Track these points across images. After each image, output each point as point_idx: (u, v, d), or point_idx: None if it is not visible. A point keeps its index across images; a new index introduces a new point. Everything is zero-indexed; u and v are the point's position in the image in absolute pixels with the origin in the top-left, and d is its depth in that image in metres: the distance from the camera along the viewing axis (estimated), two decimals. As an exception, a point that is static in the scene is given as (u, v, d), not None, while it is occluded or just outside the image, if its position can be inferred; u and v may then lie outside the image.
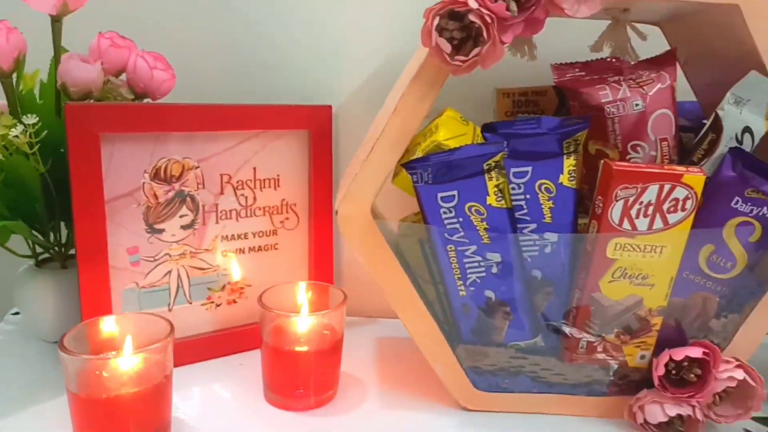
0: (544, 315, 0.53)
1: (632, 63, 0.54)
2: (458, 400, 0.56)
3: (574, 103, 0.54)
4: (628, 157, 0.52)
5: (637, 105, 0.51)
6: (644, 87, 0.51)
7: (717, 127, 0.50)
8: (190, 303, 0.64)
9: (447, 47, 0.45)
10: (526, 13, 0.45)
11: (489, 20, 0.44)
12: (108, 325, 0.51)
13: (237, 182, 0.64)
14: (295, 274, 0.69)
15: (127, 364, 0.46)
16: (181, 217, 0.61)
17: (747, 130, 0.50)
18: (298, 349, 0.55)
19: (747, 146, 0.50)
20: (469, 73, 0.47)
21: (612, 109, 0.51)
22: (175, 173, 0.60)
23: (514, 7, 0.44)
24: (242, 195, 0.64)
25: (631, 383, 0.55)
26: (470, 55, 0.45)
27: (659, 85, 0.51)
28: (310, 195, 0.68)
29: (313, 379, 0.56)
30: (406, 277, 0.52)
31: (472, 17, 0.44)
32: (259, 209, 0.66)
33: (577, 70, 0.53)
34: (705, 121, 0.53)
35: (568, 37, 0.56)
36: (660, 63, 0.53)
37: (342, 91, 0.71)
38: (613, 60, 0.54)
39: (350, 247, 0.52)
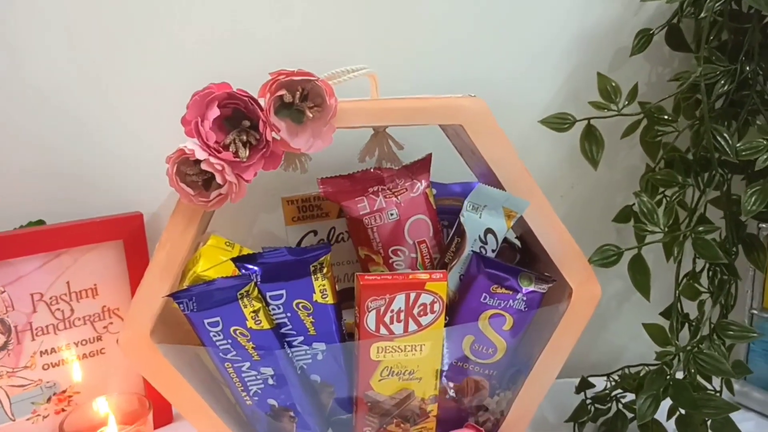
0: (332, 411, 0.57)
1: (395, 168, 0.59)
2: (265, 496, 0.59)
3: (346, 215, 0.58)
4: (390, 261, 0.57)
5: (392, 215, 0.56)
6: (398, 196, 0.56)
7: (460, 231, 0.55)
8: (13, 420, 0.65)
9: (189, 190, 0.49)
10: (258, 154, 0.49)
11: (219, 168, 0.47)
12: None
13: (50, 298, 0.66)
14: (130, 373, 0.71)
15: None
16: (-7, 340, 0.63)
17: (489, 231, 0.55)
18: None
19: (492, 244, 0.55)
20: (221, 206, 0.51)
21: (370, 220, 0.55)
22: (-20, 300, 0.62)
23: (244, 153, 0.48)
24: (58, 309, 0.66)
25: (424, 463, 0.60)
26: (211, 197, 0.49)
27: (411, 195, 0.56)
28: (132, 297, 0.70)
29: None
30: (196, 394, 0.55)
31: (204, 166, 0.47)
32: (79, 319, 0.68)
33: (341, 181, 0.57)
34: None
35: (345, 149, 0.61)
36: (415, 170, 0.58)
37: (156, 197, 0.73)
38: (377, 169, 0.58)
39: (137, 371, 0.55)
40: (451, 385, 0.58)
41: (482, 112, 0.53)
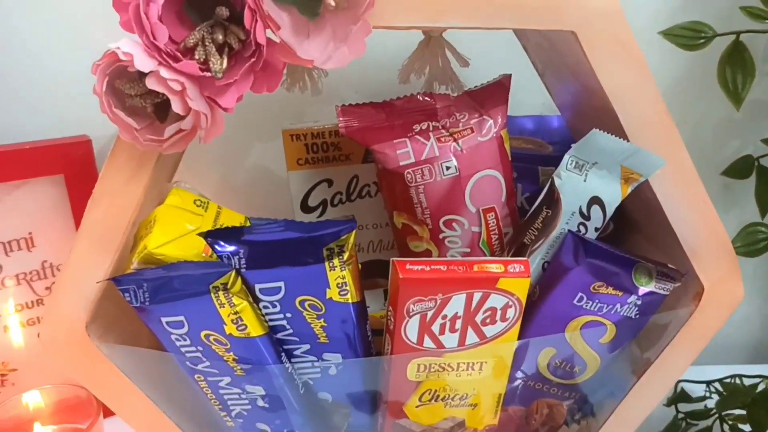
0: (347, 434, 0.41)
1: (454, 95, 0.39)
2: None
3: (377, 165, 0.39)
4: (440, 235, 0.38)
5: (448, 168, 0.37)
6: (459, 140, 0.37)
7: (551, 200, 0.36)
8: (-72, 406, 0.50)
9: (131, 122, 0.30)
10: (243, 67, 0.29)
11: (178, 87, 0.28)
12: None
13: (-34, 253, 0.48)
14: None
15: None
16: None
17: (596, 200, 0.36)
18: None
19: (597, 221, 0.37)
20: (183, 149, 0.32)
21: (414, 175, 0.37)
22: None
23: (219, 64, 0.28)
24: (-21, 265, 0.49)
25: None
26: (166, 134, 0.30)
27: (479, 138, 0.37)
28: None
29: None
30: (152, 404, 0.39)
31: (150, 84, 0.28)
32: (10, 278, 0.51)
33: (372, 112, 0.38)
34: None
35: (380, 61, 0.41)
36: (485, 99, 0.38)
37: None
38: (427, 96, 0.38)
39: (72, 377, 0.38)
40: (515, 408, 0.41)
41: (611, 15, 0.33)
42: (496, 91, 0.38)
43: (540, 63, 0.46)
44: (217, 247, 0.33)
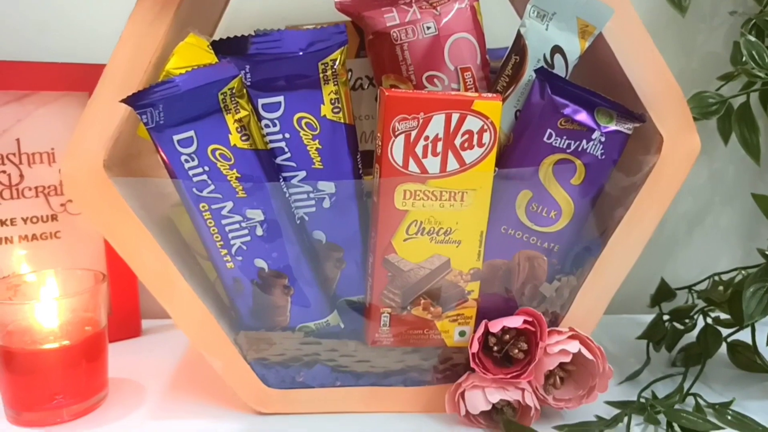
0: (340, 289, 0.44)
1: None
2: (247, 402, 0.45)
3: (366, 36, 0.45)
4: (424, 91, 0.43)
5: (428, 28, 0.42)
6: (438, 7, 0.43)
7: (520, 46, 0.41)
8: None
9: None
10: None
11: None
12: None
13: (-6, 156, 0.53)
14: (86, 267, 0.58)
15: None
16: None
17: (557, 50, 0.42)
18: (47, 347, 0.44)
19: (560, 70, 0.42)
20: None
21: (399, 34, 0.42)
22: None
23: None
24: (3, 172, 0.53)
25: (458, 368, 0.46)
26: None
27: (457, 5, 0.43)
28: (101, 172, 0.57)
29: (69, 384, 0.45)
30: (161, 250, 0.42)
31: None
32: (29, 189, 0.55)
33: (363, -8, 0.44)
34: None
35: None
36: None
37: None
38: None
39: (85, 216, 0.41)
40: (498, 261, 0.44)
41: None
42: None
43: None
44: (223, 57, 0.37)
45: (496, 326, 0.42)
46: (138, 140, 0.44)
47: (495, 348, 0.43)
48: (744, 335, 0.51)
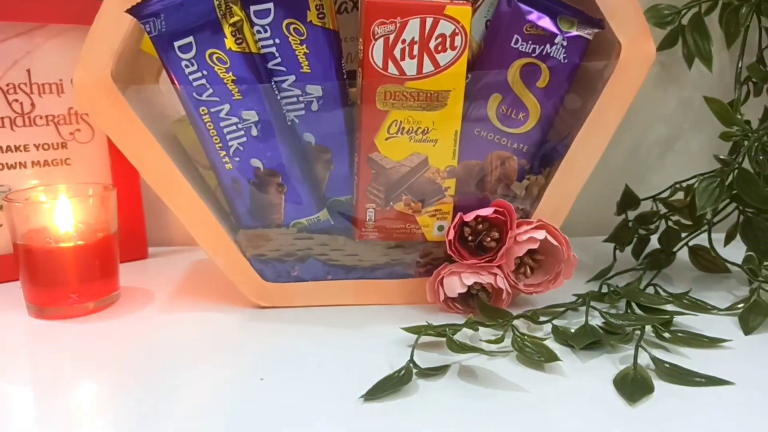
0: (330, 188, 0.48)
1: None
2: (247, 295, 0.50)
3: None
4: (402, 3, 0.47)
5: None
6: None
7: (487, -41, 0.45)
8: (-39, 225, 0.56)
9: None
10: None
11: None
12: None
13: (7, 85, 0.57)
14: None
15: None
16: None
17: (522, -39, 0.46)
18: (63, 245, 0.49)
19: (525, -18, 0.46)
20: None
21: (378, -50, 0.46)
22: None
23: None
24: (15, 101, 0.57)
25: (438, 261, 0.50)
26: None
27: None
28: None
29: (84, 281, 0.49)
30: (165, 155, 0.46)
31: None
32: (40, 118, 0.59)
33: None
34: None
35: None
36: None
37: None
38: None
39: (95, 124, 0.46)
40: (472, 162, 0.48)
41: None
42: None
43: None
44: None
45: (470, 216, 0.47)
46: (141, 65, 0.48)
47: (470, 238, 0.48)
48: (702, 239, 0.55)
